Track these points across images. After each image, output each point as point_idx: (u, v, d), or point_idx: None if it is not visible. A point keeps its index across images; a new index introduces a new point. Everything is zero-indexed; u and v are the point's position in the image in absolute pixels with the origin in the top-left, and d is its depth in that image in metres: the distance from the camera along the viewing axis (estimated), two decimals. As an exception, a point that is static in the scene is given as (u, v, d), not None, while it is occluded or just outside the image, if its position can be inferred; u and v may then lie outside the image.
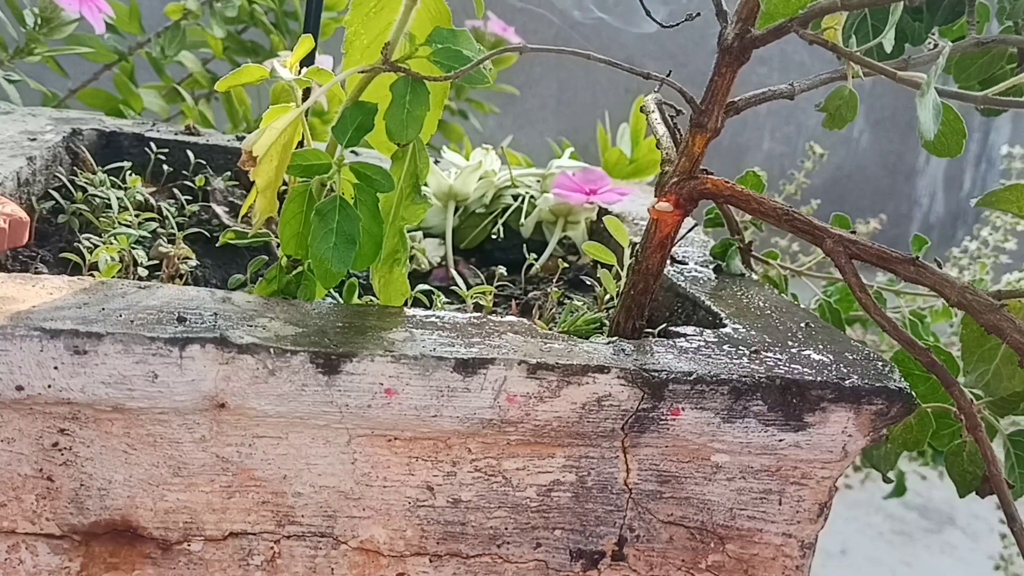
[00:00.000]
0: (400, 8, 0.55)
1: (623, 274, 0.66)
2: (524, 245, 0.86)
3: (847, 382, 0.53)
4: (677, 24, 0.63)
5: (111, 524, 0.51)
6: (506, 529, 0.54)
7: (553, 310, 0.74)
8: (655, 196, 0.59)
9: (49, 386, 0.47)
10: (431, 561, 0.54)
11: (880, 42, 0.52)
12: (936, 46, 0.62)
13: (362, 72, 0.54)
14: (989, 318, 0.47)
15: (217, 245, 0.68)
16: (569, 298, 0.76)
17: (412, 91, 0.53)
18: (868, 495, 1.85)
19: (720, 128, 0.56)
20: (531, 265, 0.82)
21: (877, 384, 0.53)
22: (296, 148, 0.57)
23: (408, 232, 0.87)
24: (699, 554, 0.56)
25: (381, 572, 0.54)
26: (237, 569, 0.53)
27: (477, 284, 0.78)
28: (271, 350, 0.48)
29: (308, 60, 0.75)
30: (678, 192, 0.57)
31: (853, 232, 0.52)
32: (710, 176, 0.56)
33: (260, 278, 0.59)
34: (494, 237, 0.88)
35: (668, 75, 0.60)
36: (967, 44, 0.63)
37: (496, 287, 0.76)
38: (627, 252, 0.67)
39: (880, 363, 0.56)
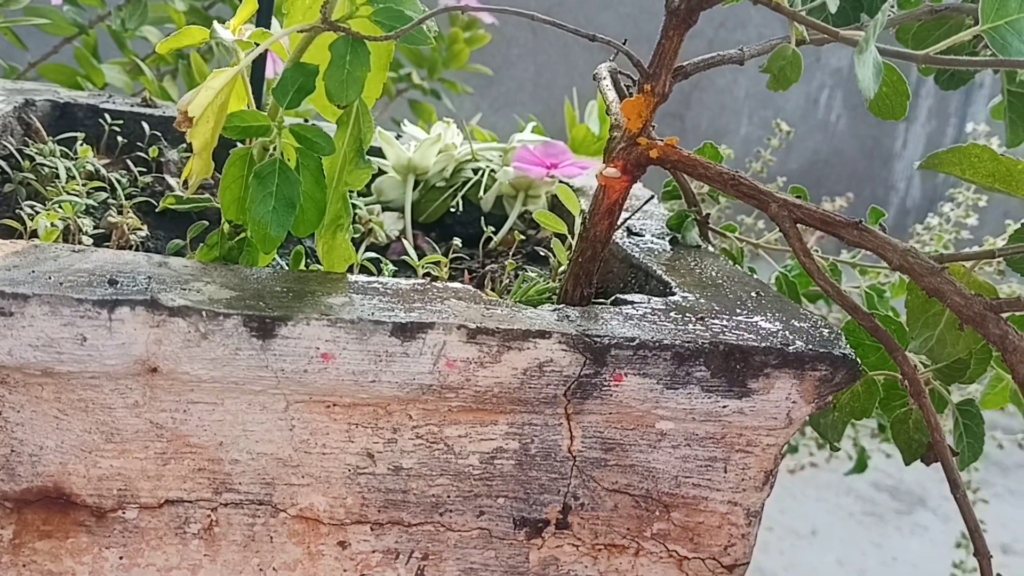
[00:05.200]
0: (342, -32, 0.53)
1: (573, 243, 0.65)
2: (483, 219, 0.85)
3: (791, 348, 0.52)
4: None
5: (43, 491, 0.50)
6: (448, 497, 0.54)
7: (508, 282, 0.73)
8: (603, 162, 0.59)
9: (-26, 348, 0.46)
10: (372, 529, 0.54)
11: (829, 4, 0.51)
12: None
13: (302, 32, 0.53)
14: (930, 281, 0.46)
15: (156, 211, 0.67)
16: (525, 270, 0.75)
17: (352, 51, 0.52)
18: (839, 477, 1.85)
19: (668, 93, 0.55)
20: (489, 239, 0.81)
21: (821, 350, 0.52)
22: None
23: (367, 205, 0.86)
24: (644, 522, 0.56)
25: (321, 540, 0.53)
26: (173, 537, 0.52)
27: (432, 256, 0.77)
28: (203, 313, 0.47)
29: (264, 25, 0.74)
30: (625, 157, 0.56)
31: (799, 197, 0.51)
32: (658, 141, 0.56)
33: (201, 244, 0.58)
34: (454, 211, 0.87)
35: (624, 43, 0.60)
36: (921, 11, 0.62)
37: (453, 260, 0.75)
38: (578, 221, 0.66)
39: (826, 330, 0.55)
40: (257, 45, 0.56)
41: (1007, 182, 0.46)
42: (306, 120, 0.88)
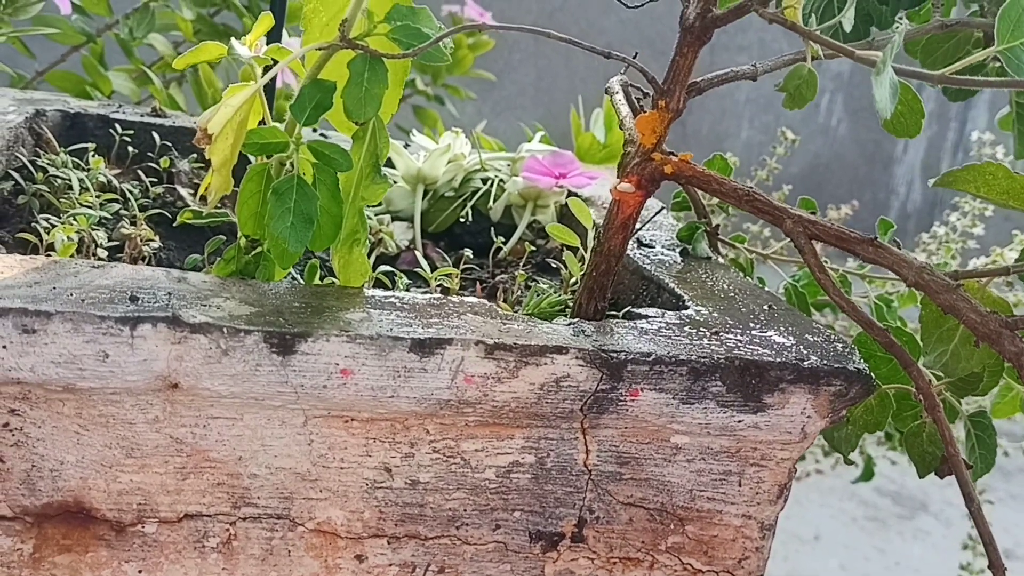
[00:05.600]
0: (359, -15, 0.54)
1: (586, 256, 0.66)
2: (492, 229, 0.85)
3: (806, 363, 0.53)
4: (642, 4, 0.62)
5: (64, 506, 0.50)
6: (465, 511, 0.54)
7: (519, 293, 0.74)
8: (617, 177, 0.59)
9: (-2, 365, 0.46)
10: (389, 543, 0.54)
11: (844, 23, 0.51)
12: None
13: (320, 49, 0.54)
14: (946, 298, 0.46)
15: (174, 225, 0.67)
16: (536, 281, 0.75)
17: (370, 69, 0.53)
18: (843, 482, 1.85)
19: (682, 108, 0.56)
20: (499, 249, 0.82)
21: (836, 365, 0.53)
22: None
23: (376, 215, 0.86)
24: (659, 535, 0.56)
25: (338, 554, 0.53)
26: (192, 551, 0.52)
27: (444, 267, 0.77)
28: (224, 330, 0.48)
29: (274, 39, 0.75)
30: (640, 173, 0.56)
31: (813, 213, 0.51)
32: (672, 157, 0.56)
33: (219, 258, 0.58)
34: (463, 221, 0.87)
35: (635, 56, 0.60)
36: (931, 27, 0.63)
37: (463, 270, 0.75)
38: (591, 234, 0.67)
39: (840, 345, 0.56)
40: (274, 62, 0.56)
41: (1021, 199, 0.47)
42: (314, 130, 0.88)
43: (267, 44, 0.59)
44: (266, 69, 0.60)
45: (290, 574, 0.53)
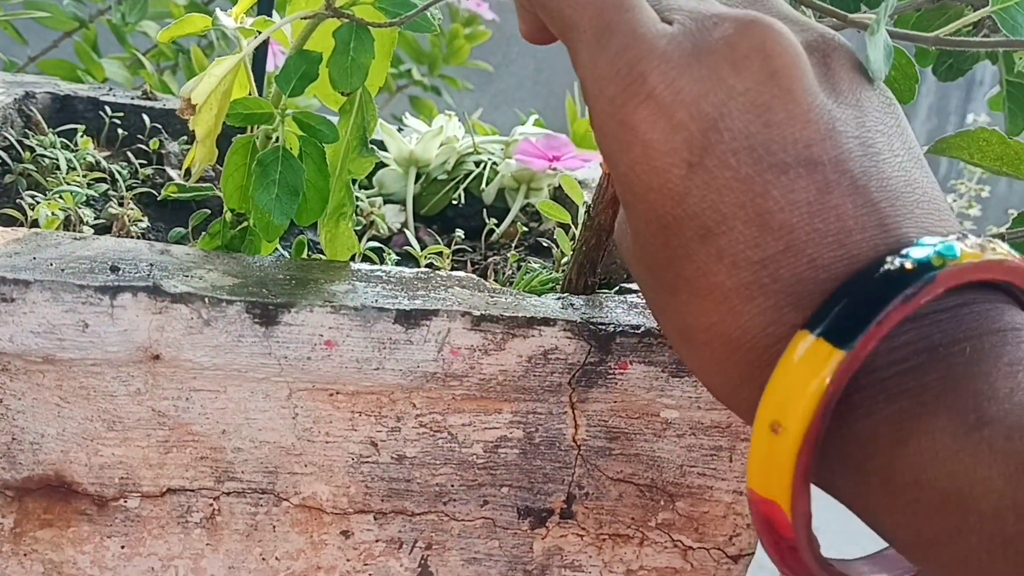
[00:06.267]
0: (345, -46, 0.53)
1: (577, 233, 0.65)
2: (485, 211, 0.85)
3: (797, 336, 0.52)
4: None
5: (44, 479, 0.50)
6: (452, 486, 0.53)
7: (511, 273, 0.73)
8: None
9: (-24, 335, 0.46)
10: (376, 519, 0.53)
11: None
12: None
13: (305, 18, 0.53)
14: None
15: (159, 199, 0.66)
16: (527, 261, 0.75)
17: (356, 38, 0.52)
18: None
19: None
20: (492, 231, 0.81)
21: (828, 338, 0.52)
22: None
23: (368, 198, 0.86)
24: (649, 512, 0.55)
25: (324, 530, 0.53)
26: (176, 526, 0.51)
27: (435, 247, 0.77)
28: (206, 299, 0.47)
29: (266, 11, 0.74)
30: (630, 145, 0.56)
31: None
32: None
33: (204, 232, 0.58)
34: (455, 204, 0.86)
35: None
36: (921, 0, 0.62)
37: (455, 252, 0.75)
38: (581, 211, 0.66)
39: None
40: (259, 33, 0.55)
41: (1015, 166, 0.46)
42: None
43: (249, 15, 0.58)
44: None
45: (275, 550, 0.53)
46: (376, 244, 0.66)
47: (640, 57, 0.36)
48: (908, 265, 0.33)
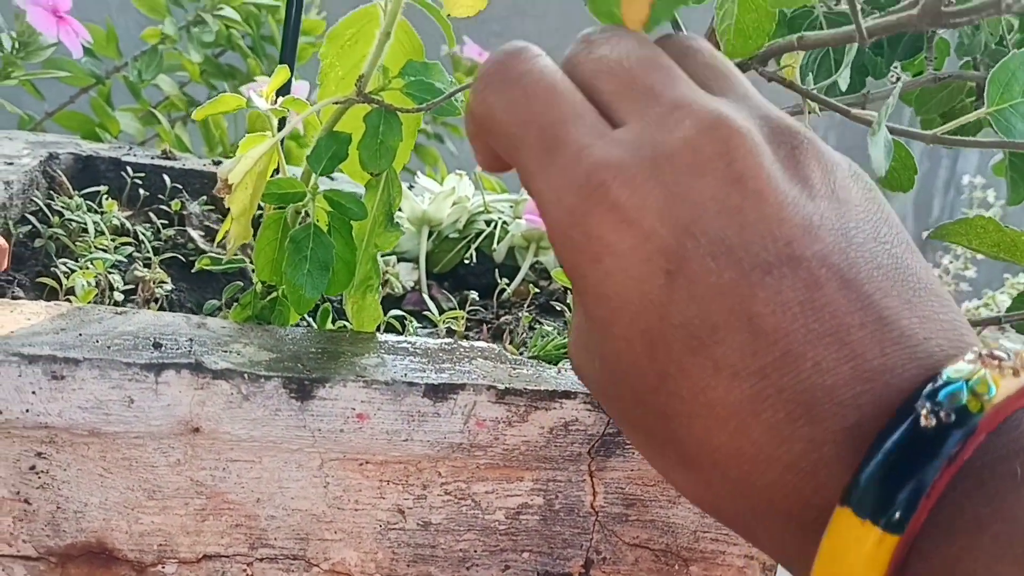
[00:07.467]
0: (374, 42, 0.56)
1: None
2: (496, 270, 0.87)
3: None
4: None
5: (87, 546, 0.52)
6: (475, 552, 0.55)
7: (524, 335, 0.76)
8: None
9: (27, 410, 0.48)
10: (401, 583, 0.55)
11: (840, 82, 0.54)
12: (899, 79, 0.64)
13: (336, 103, 0.56)
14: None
15: (193, 271, 0.69)
16: (540, 323, 0.77)
17: (385, 122, 0.55)
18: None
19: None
20: (503, 290, 0.84)
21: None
22: (272, 176, 0.59)
23: (382, 256, 0.88)
24: None
25: (352, 593, 0.55)
26: (210, 591, 0.53)
27: (450, 308, 0.79)
28: (245, 375, 0.49)
29: (284, 88, 0.77)
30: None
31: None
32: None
33: (235, 303, 0.60)
34: (467, 262, 0.89)
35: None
36: (925, 79, 0.65)
37: (468, 311, 0.77)
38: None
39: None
40: (290, 112, 0.58)
41: (1011, 252, 0.49)
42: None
43: (277, 93, 0.61)
44: (281, 120, 0.62)
45: (305, 613, 0.55)
46: (397, 312, 0.68)
47: (596, 167, 0.34)
48: (945, 416, 0.30)
